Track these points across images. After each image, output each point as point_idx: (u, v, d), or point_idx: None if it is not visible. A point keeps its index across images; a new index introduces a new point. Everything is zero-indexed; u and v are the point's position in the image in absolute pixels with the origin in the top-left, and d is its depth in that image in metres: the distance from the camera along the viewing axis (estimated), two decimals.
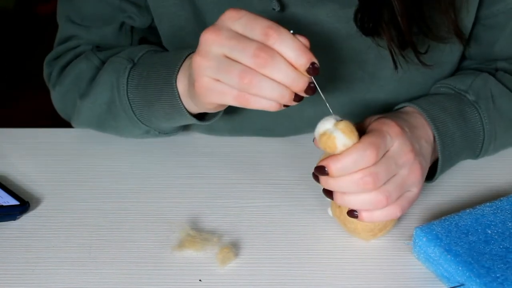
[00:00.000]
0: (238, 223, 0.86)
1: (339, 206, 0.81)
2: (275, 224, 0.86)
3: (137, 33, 1.01)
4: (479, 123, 0.91)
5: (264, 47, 0.73)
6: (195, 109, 0.87)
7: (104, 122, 0.98)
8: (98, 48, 1.00)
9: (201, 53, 0.76)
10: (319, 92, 0.76)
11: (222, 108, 0.85)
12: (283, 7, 0.90)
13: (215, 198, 0.90)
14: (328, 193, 0.79)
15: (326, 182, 0.77)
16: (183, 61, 0.87)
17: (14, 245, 0.83)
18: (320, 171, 0.76)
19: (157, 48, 0.98)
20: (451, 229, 0.79)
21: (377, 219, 0.79)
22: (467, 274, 0.74)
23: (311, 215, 0.87)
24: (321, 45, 0.87)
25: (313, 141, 0.79)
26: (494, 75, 0.97)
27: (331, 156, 0.76)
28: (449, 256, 0.76)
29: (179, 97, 0.86)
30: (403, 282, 0.78)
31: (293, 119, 0.99)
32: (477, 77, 0.95)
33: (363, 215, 0.78)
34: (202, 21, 0.94)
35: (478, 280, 0.73)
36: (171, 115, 0.90)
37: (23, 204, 0.87)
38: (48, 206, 0.89)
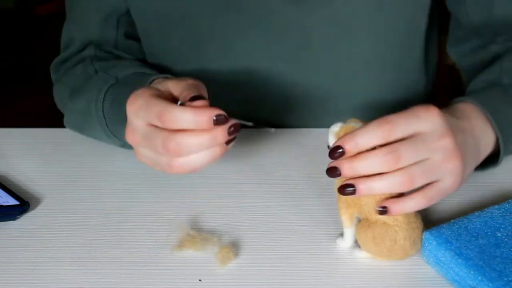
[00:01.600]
0: (238, 223, 0.86)
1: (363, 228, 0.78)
2: (275, 224, 0.86)
3: (122, 26, 1.04)
4: None
5: (168, 139, 0.76)
6: None
7: (83, 130, 1.00)
8: (98, 57, 1.03)
9: (136, 151, 0.82)
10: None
11: None
12: None
13: (215, 198, 0.90)
14: (347, 187, 0.75)
15: (351, 165, 0.74)
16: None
17: (14, 245, 0.83)
18: (335, 152, 0.74)
19: (145, 70, 0.99)
20: (461, 232, 0.78)
21: (408, 209, 0.75)
22: (479, 278, 0.73)
23: (312, 215, 0.87)
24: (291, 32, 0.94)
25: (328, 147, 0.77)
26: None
27: (340, 137, 0.75)
28: (460, 260, 0.75)
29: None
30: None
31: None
32: (503, 61, 0.93)
33: (393, 208, 0.75)
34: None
35: (490, 284, 0.72)
36: None
37: (23, 204, 0.87)
38: (48, 206, 0.89)
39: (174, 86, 0.81)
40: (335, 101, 1.05)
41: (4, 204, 0.86)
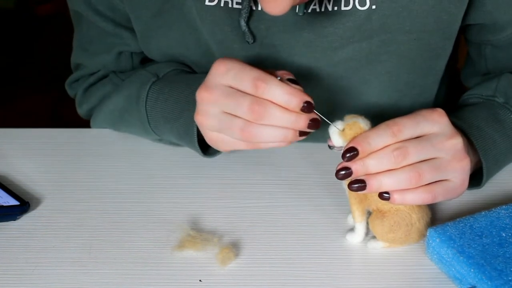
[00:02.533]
0: (238, 223, 0.86)
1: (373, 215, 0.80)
2: (275, 224, 0.86)
3: (137, 56, 1.03)
4: None
5: (257, 101, 0.77)
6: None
7: (117, 127, 1.01)
8: (119, 71, 1.04)
9: (200, 112, 0.81)
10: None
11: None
12: (254, 38, 0.92)
13: (215, 198, 0.90)
14: (357, 182, 0.77)
15: (362, 163, 0.77)
16: None
17: (14, 245, 0.83)
18: (349, 153, 0.77)
19: (184, 67, 0.99)
20: (465, 231, 0.78)
21: (408, 201, 0.78)
22: (479, 276, 0.73)
23: (312, 215, 0.87)
24: (302, 72, 0.92)
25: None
26: None
27: (353, 138, 0.77)
28: (461, 257, 0.75)
29: (195, 125, 0.88)
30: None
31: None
32: (500, 79, 0.96)
33: (395, 196, 0.77)
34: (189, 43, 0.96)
35: (489, 283, 0.72)
36: (183, 139, 0.92)
37: (23, 204, 0.87)
38: (48, 206, 0.89)
39: (262, 68, 0.81)
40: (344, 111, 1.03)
41: (4, 204, 0.86)
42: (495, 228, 0.79)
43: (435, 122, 0.79)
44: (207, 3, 0.90)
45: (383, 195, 0.78)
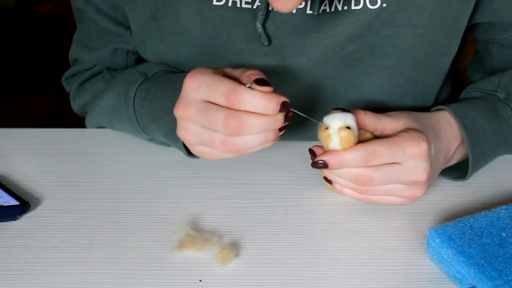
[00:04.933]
0: (239, 223, 0.86)
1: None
2: (275, 224, 0.86)
3: (132, 54, 1.04)
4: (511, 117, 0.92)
5: (231, 115, 0.77)
6: None
7: (112, 124, 1.01)
8: (113, 69, 1.05)
9: (181, 128, 0.82)
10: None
11: None
12: (270, 41, 0.92)
13: (215, 198, 0.90)
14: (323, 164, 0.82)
15: (329, 171, 0.82)
16: None
17: (14, 245, 0.83)
18: (318, 163, 0.81)
19: (174, 69, 1.00)
20: (465, 231, 0.79)
21: (346, 194, 0.84)
22: (479, 276, 0.73)
23: (312, 215, 0.87)
24: (309, 69, 0.93)
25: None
26: None
27: (332, 151, 0.80)
28: (461, 257, 0.75)
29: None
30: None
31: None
32: (504, 75, 0.97)
33: (336, 186, 0.84)
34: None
35: (489, 283, 0.73)
36: (169, 138, 0.92)
37: (23, 204, 0.87)
38: (48, 206, 0.89)
39: (231, 70, 0.82)
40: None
41: (4, 204, 0.86)
42: (495, 228, 0.79)
43: (412, 158, 0.81)
44: (214, 2, 0.90)
45: (328, 180, 0.84)
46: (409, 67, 0.95)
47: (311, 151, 0.84)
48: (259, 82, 0.78)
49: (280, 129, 0.80)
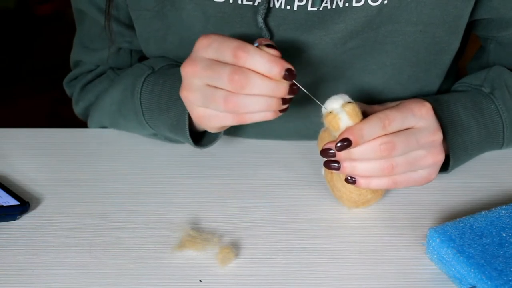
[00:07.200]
0: (239, 223, 0.86)
1: (332, 172, 0.84)
2: (275, 224, 0.86)
3: (136, 53, 1.04)
4: (495, 112, 0.92)
5: (237, 70, 0.77)
6: (201, 127, 0.90)
7: (115, 121, 1.01)
8: (117, 68, 1.05)
9: (185, 87, 0.81)
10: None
11: (224, 128, 0.87)
12: (272, 35, 0.92)
13: (215, 198, 0.90)
14: (333, 162, 0.81)
15: (349, 152, 0.79)
16: None
17: (14, 245, 0.83)
18: (343, 143, 0.78)
19: (180, 64, 0.99)
20: (465, 231, 0.79)
21: (373, 186, 0.82)
22: (479, 276, 0.73)
23: (312, 215, 0.87)
24: (310, 66, 0.93)
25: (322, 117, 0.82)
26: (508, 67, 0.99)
27: (348, 128, 0.79)
28: (461, 257, 0.75)
29: (187, 114, 0.88)
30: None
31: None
32: (490, 70, 0.98)
33: (361, 181, 0.81)
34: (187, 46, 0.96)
35: (489, 283, 0.73)
36: (175, 130, 0.92)
37: (23, 204, 0.87)
38: (48, 206, 0.89)
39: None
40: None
41: (4, 204, 0.86)
42: (495, 228, 0.79)
43: (422, 118, 0.82)
44: None
45: (348, 179, 0.81)
46: (410, 64, 0.95)
47: (324, 150, 0.81)
48: (268, 46, 0.79)
49: (283, 102, 0.79)
